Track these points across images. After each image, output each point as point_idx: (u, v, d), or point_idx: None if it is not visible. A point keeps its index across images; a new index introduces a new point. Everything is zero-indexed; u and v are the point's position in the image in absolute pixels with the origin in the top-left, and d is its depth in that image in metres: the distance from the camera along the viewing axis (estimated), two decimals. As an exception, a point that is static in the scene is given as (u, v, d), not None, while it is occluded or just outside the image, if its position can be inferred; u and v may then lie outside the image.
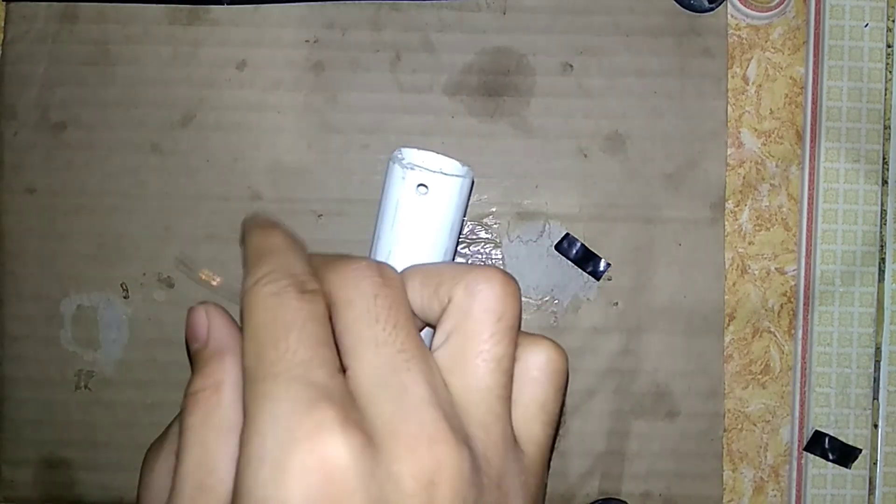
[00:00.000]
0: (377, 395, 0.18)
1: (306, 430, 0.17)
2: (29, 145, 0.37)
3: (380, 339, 0.19)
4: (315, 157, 0.37)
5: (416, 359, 0.19)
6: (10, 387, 0.37)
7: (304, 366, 0.18)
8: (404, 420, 0.18)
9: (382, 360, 0.19)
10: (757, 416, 0.37)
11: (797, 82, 0.38)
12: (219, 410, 0.20)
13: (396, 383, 0.18)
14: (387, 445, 0.17)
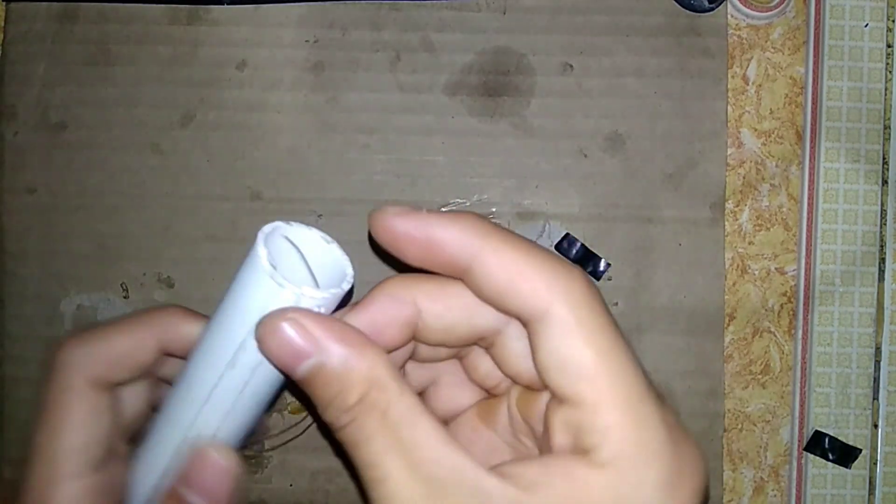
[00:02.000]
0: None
1: None
2: (29, 145, 0.37)
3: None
4: (315, 157, 0.37)
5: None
6: (10, 387, 0.37)
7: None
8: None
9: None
10: (757, 416, 0.37)
11: (797, 82, 0.38)
12: (396, 405, 0.19)
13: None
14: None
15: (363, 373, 0.19)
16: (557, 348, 0.18)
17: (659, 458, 0.18)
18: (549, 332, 0.18)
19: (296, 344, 0.19)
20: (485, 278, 0.19)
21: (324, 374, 0.19)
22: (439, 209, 0.37)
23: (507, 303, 0.19)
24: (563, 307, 0.18)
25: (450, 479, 0.18)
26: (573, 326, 0.18)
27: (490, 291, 0.19)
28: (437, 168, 0.37)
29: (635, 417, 0.18)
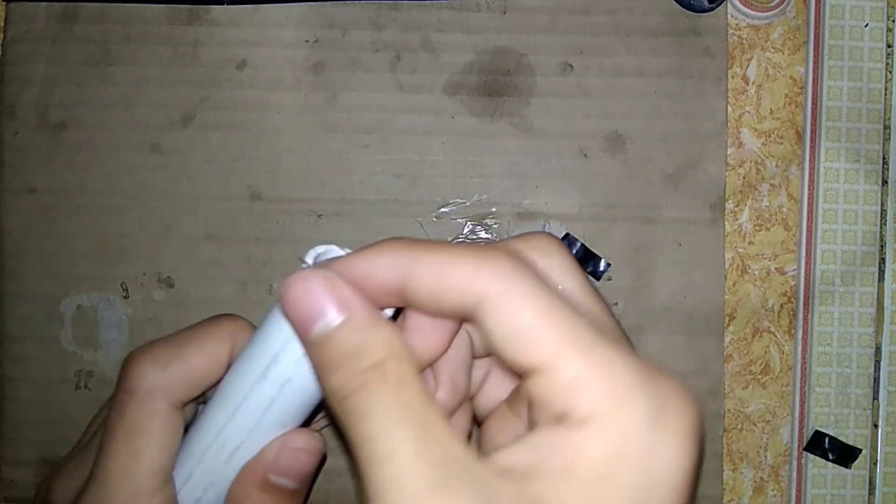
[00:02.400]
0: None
1: None
2: (29, 145, 0.37)
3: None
4: (315, 157, 0.37)
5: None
6: (10, 387, 0.37)
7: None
8: None
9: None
10: (757, 416, 0.37)
11: (797, 82, 0.38)
12: (412, 382, 0.18)
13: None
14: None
15: (384, 339, 0.19)
16: (500, 325, 0.18)
17: (634, 397, 0.17)
18: (490, 313, 0.18)
19: (321, 297, 0.19)
20: (420, 290, 0.19)
21: (344, 332, 0.19)
22: (439, 209, 0.37)
23: (444, 305, 0.19)
24: (494, 286, 0.18)
25: (458, 467, 0.17)
26: (508, 300, 0.18)
27: (427, 300, 0.19)
28: (437, 168, 0.37)
29: (596, 364, 0.17)
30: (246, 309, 0.37)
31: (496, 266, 0.18)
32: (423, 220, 0.37)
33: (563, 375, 0.17)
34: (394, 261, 0.19)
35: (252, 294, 0.37)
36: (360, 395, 0.18)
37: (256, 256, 0.37)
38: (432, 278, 0.19)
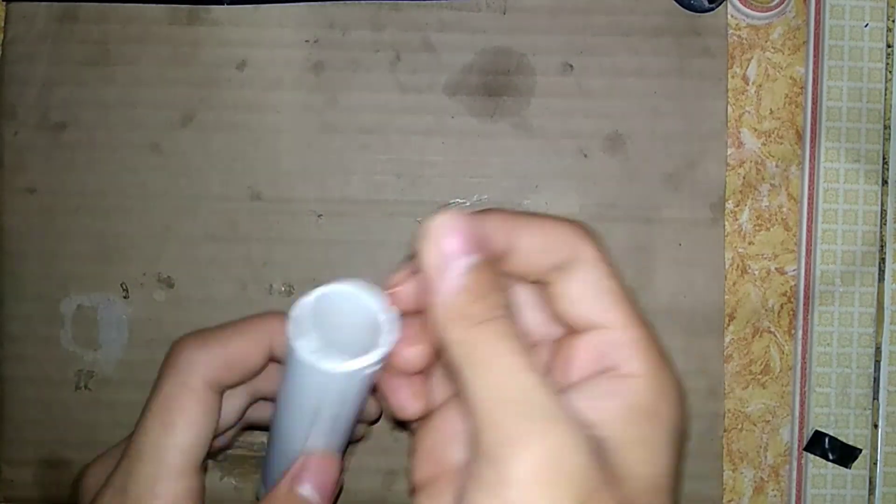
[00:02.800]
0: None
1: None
2: (29, 145, 0.37)
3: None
4: (315, 157, 0.37)
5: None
6: (10, 387, 0.37)
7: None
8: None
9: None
10: (757, 416, 0.37)
11: (797, 82, 0.38)
12: (512, 338, 0.20)
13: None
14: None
15: (502, 287, 0.21)
16: (590, 281, 0.22)
17: (669, 367, 0.22)
18: (584, 270, 0.22)
19: (462, 239, 0.21)
20: (527, 250, 0.22)
21: (480, 274, 0.21)
22: (439, 209, 0.37)
23: (540, 264, 0.22)
24: (589, 251, 0.22)
25: (551, 403, 0.20)
26: (601, 263, 0.22)
27: (529, 260, 0.22)
28: (437, 168, 0.37)
29: (648, 333, 0.22)
30: (246, 309, 0.37)
31: (590, 235, 0.23)
32: (423, 220, 0.37)
33: (632, 334, 0.22)
34: (502, 225, 0.22)
35: (252, 294, 0.37)
36: (485, 329, 0.20)
37: (256, 256, 0.37)
38: (539, 241, 0.22)
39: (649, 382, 0.21)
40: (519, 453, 0.19)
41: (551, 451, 0.19)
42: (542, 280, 0.23)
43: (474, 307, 0.20)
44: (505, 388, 0.20)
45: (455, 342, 0.21)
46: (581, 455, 0.19)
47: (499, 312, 0.21)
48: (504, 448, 0.19)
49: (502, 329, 0.20)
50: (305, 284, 0.37)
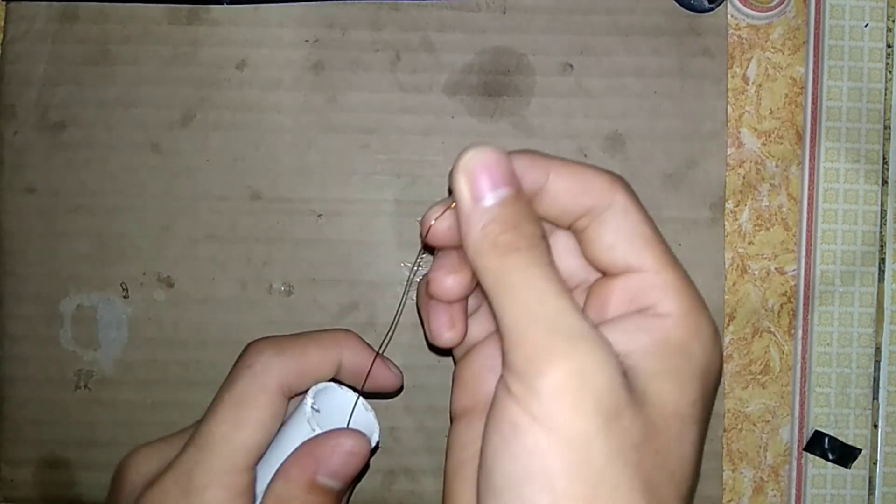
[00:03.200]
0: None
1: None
2: (29, 145, 0.37)
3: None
4: (315, 157, 0.37)
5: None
6: (10, 387, 0.37)
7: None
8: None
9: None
10: (757, 416, 0.37)
11: (797, 82, 0.38)
12: (543, 265, 0.21)
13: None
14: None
15: (536, 217, 0.22)
16: (624, 226, 0.23)
17: (701, 306, 0.23)
18: (617, 215, 0.23)
19: (499, 170, 0.22)
20: (558, 191, 0.23)
21: (514, 204, 0.22)
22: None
23: (574, 206, 0.23)
24: (622, 197, 0.23)
25: (580, 323, 0.21)
26: (634, 209, 0.23)
27: (562, 202, 0.23)
28: (437, 168, 0.37)
29: (682, 276, 0.23)
30: (246, 309, 0.37)
31: (623, 183, 0.24)
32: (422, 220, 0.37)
33: (665, 277, 0.23)
34: (536, 164, 0.23)
35: (252, 294, 0.37)
36: (517, 256, 0.21)
37: (256, 256, 0.37)
38: (571, 183, 0.23)
39: (682, 321, 0.22)
40: (547, 368, 0.20)
41: (578, 367, 0.20)
42: (575, 226, 0.24)
43: (506, 236, 0.21)
44: (535, 311, 0.20)
45: (488, 270, 0.21)
46: (607, 373, 0.20)
47: (531, 241, 0.21)
48: (533, 363, 0.20)
49: (534, 257, 0.21)
50: (305, 284, 0.37)
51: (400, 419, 0.37)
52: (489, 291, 0.22)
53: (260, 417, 0.27)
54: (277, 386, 0.28)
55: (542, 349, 0.20)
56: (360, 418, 0.29)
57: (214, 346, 0.37)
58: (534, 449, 0.19)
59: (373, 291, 0.37)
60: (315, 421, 0.27)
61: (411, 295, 0.37)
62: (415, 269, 0.37)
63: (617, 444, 0.19)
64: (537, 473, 0.19)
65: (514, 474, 0.20)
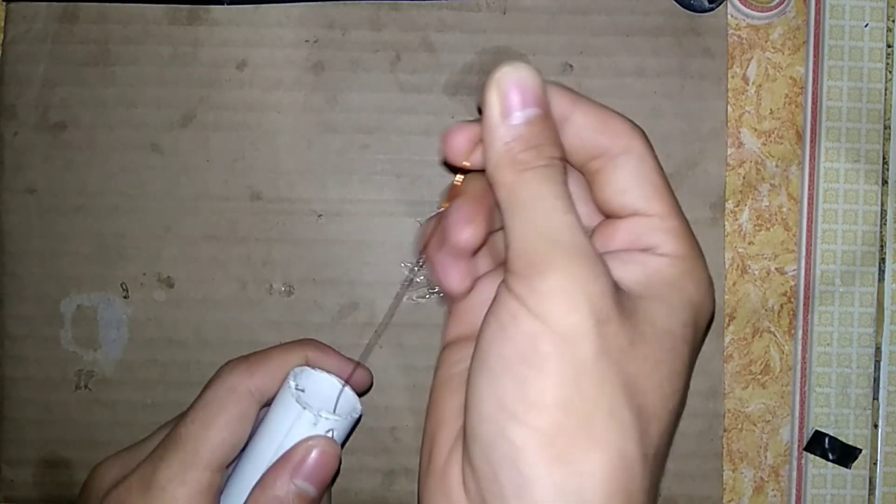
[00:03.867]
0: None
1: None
2: (29, 145, 0.37)
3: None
4: (315, 157, 0.37)
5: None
6: (10, 387, 0.37)
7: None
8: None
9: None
10: (757, 416, 0.37)
11: (797, 82, 0.38)
12: (556, 184, 0.22)
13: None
14: None
15: (558, 141, 0.23)
16: (638, 172, 0.24)
17: (701, 256, 0.24)
18: (633, 161, 0.24)
19: (532, 90, 0.23)
20: (581, 126, 0.24)
21: (541, 123, 0.23)
22: (439, 210, 0.37)
23: (594, 145, 0.24)
24: (640, 145, 0.25)
25: (582, 240, 0.22)
26: (650, 158, 0.25)
27: (582, 137, 0.24)
28: (437, 168, 0.37)
29: (685, 223, 0.24)
30: (246, 309, 0.37)
31: (642, 133, 0.25)
32: (423, 220, 0.37)
33: (670, 223, 0.24)
34: (564, 96, 0.24)
35: (252, 294, 0.37)
36: (532, 174, 0.22)
37: (256, 256, 0.37)
38: (595, 121, 0.24)
39: (678, 262, 0.23)
40: (547, 272, 0.21)
41: (575, 274, 0.21)
42: (589, 167, 0.25)
43: (526, 154, 0.22)
44: (542, 224, 0.22)
45: (504, 184, 0.22)
46: (601, 283, 0.21)
47: (548, 162, 0.22)
48: (534, 267, 0.21)
49: (549, 175, 0.22)
50: (305, 284, 0.37)
51: (400, 419, 0.37)
52: (502, 204, 0.23)
53: (226, 417, 0.28)
54: (245, 389, 0.29)
55: (543, 257, 0.21)
56: (342, 399, 0.30)
57: (214, 346, 0.37)
58: (529, 334, 0.21)
59: (373, 291, 0.37)
60: (303, 399, 0.28)
61: (410, 295, 0.37)
62: (415, 269, 0.37)
63: (604, 344, 0.21)
64: (530, 354, 0.21)
65: (507, 354, 0.21)
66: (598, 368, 0.21)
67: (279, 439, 0.28)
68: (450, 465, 0.23)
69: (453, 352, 0.26)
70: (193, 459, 0.28)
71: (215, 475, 0.28)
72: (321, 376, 0.30)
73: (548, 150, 0.23)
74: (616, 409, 0.21)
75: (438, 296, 0.36)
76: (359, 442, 0.36)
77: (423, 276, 0.37)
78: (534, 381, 0.21)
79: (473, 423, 0.22)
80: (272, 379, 0.30)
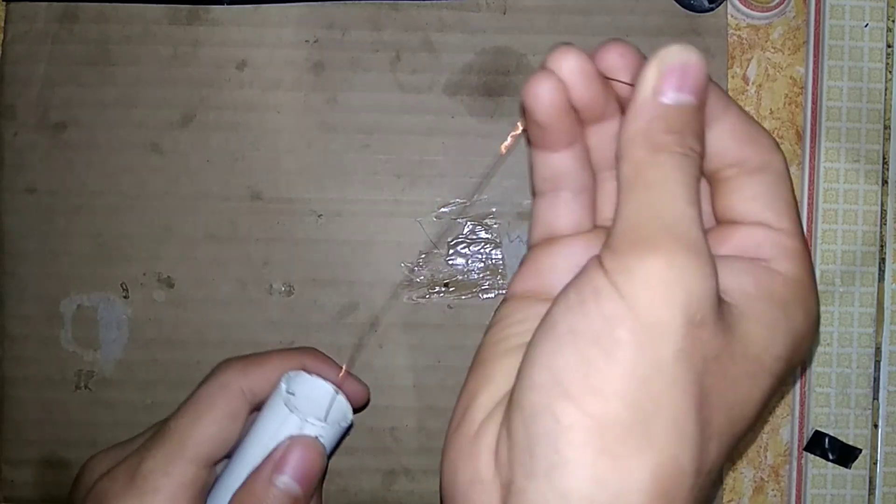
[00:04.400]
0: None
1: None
2: (29, 145, 0.37)
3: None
4: (315, 157, 0.37)
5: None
6: (10, 387, 0.37)
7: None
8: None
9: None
10: (757, 416, 0.37)
11: (797, 82, 0.38)
12: (688, 175, 0.21)
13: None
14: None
15: (702, 135, 0.22)
16: (775, 187, 0.23)
17: (816, 292, 0.23)
18: (771, 176, 0.23)
19: (694, 76, 0.21)
20: (730, 130, 0.23)
21: (692, 111, 0.21)
22: (439, 209, 0.37)
23: (745, 150, 0.23)
24: (780, 163, 0.23)
25: (698, 235, 0.20)
26: (787, 178, 0.23)
27: (734, 140, 0.23)
28: (437, 168, 0.37)
29: (809, 253, 0.23)
30: (246, 309, 0.37)
31: (782, 153, 0.23)
32: (423, 220, 0.37)
33: (792, 243, 0.23)
34: (720, 99, 0.23)
35: (252, 294, 0.37)
36: (666, 157, 0.21)
37: (256, 256, 0.37)
38: (743, 130, 0.23)
39: (793, 284, 0.22)
40: (648, 256, 0.19)
41: (680, 266, 0.19)
42: (720, 174, 0.23)
43: (666, 136, 0.21)
44: (660, 207, 0.20)
45: (633, 160, 0.21)
46: (706, 284, 0.20)
47: (686, 151, 0.21)
48: (636, 247, 0.20)
49: (683, 164, 0.21)
50: (305, 284, 0.37)
51: (400, 419, 0.37)
52: (623, 180, 0.21)
53: (215, 414, 0.28)
54: (237, 387, 0.29)
55: (651, 238, 0.20)
56: (334, 406, 0.30)
57: (214, 346, 0.37)
58: (610, 316, 0.19)
59: (373, 291, 0.37)
60: (292, 403, 0.28)
61: (410, 295, 0.37)
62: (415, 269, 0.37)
63: (689, 348, 0.19)
64: (603, 336, 0.19)
65: (580, 329, 0.20)
66: (675, 372, 0.19)
67: (266, 441, 0.28)
68: (486, 427, 0.21)
69: (517, 308, 0.24)
70: (178, 452, 0.28)
71: (201, 470, 0.28)
72: (315, 382, 0.30)
73: (690, 141, 0.21)
74: (681, 418, 0.19)
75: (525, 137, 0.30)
76: (359, 442, 0.36)
77: (423, 276, 0.37)
78: (601, 366, 0.19)
79: (523, 389, 0.20)
80: (266, 380, 0.30)
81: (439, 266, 0.37)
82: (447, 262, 0.37)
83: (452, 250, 0.37)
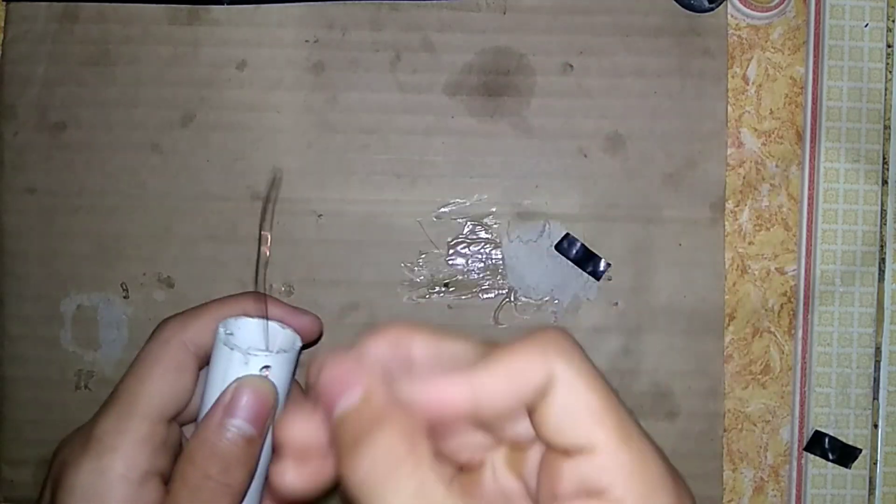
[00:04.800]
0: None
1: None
2: (29, 145, 0.37)
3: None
4: (315, 157, 0.37)
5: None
6: (10, 387, 0.37)
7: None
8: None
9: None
10: (757, 416, 0.37)
11: (797, 82, 0.38)
12: (421, 461, 0.19)
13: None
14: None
15: (396, 420, 0.20)
16: (569, 403, 0.20)
17: (663, 490, 0.20)
18: (560, 392, 0.20)
19: (346, 380, 0.20)
20: (490, 395, 0.20)
21: (360, 412, 0.20)
22: (439, 209, 0.37)
23: (517, 390, 0.20)
24: (562, 369, 0.20)
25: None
26: (578, 380, 0.20)
27: (499, 392, 0.20)
28: (437, 168, 0.37)
29: (639, 455, 0.20)
30: (246, 309, 0.37)
31: (561, 347, 0.20)
32: (423, 220, 0.37)
33: (617, 459, 0.20)
34: (464, 381, 0.20)
35: (252, 294, 0.37)
36: (375, 471, 0.19)
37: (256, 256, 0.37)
38: (502, 384, 0.20)
39: (643, 497, 0.20)
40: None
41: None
42: (527, 409, 0.21)
43: (361, 445, 0.19)
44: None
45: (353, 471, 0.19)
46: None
47: (380, 452, 0.19)
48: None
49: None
50: (305, 284, 0.37)
51: (400, 419, 0.37)
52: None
53: (161, 369, 0.28)
54: (178, 341, 0.29)
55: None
56: (279, 337, 0.30)
57: (214, 346, 0.37)
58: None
59: (373, 291, 0.37)
60: (232, 342, 0.28)
61: (410, 295, 0.37)
62: (415, 269, 0.37)
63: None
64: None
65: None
66: None
67: (219, 386, 0.28)
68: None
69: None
70: (129, 410, 0.28)
71: (157, 426, 0.28)
72: (249, 321, 0.30)
73: (392, 438, 0.19)
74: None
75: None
76: (359, 442, 0.36)
77: (423, 276, 0.37)
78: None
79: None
80: (208, 330, 0.29)
81: (439, 266, 0.37)
82: (447, 262, 0.37)
83: (452, 250, 0.37)
